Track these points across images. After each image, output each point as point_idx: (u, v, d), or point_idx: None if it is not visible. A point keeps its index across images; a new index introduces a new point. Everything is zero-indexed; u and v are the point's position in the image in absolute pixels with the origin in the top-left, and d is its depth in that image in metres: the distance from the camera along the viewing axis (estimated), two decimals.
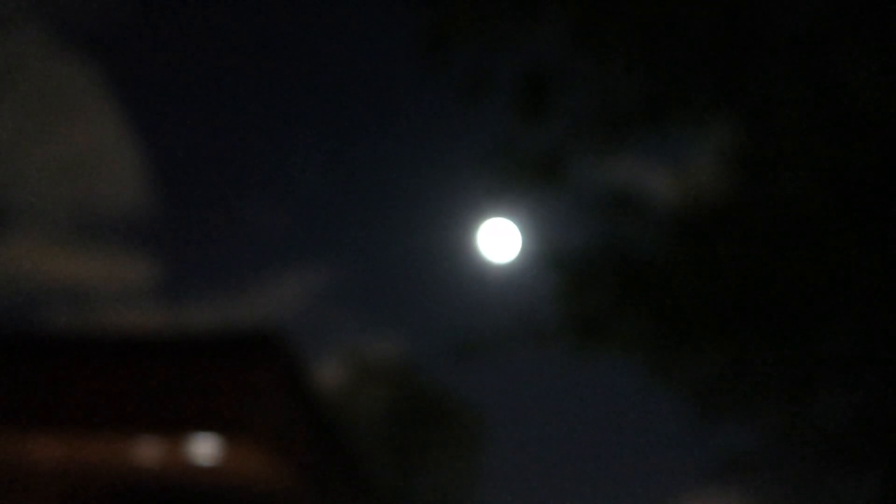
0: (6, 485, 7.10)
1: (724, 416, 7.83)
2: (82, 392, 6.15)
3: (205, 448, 6.03)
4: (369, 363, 22.33)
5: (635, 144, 6.42)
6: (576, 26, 5.86)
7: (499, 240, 9.54)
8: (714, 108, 6.06)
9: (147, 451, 6.30)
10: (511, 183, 6.66)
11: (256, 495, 7.27)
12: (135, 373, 6.13)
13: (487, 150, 6.59)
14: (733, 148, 6.41)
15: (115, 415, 6.06)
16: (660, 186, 7.19)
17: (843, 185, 6.11)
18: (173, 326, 6.13)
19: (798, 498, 7.88)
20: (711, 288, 6.94)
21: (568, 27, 5.90)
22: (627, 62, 5.91)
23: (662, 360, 7.59)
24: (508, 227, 9.52)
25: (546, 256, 7.54)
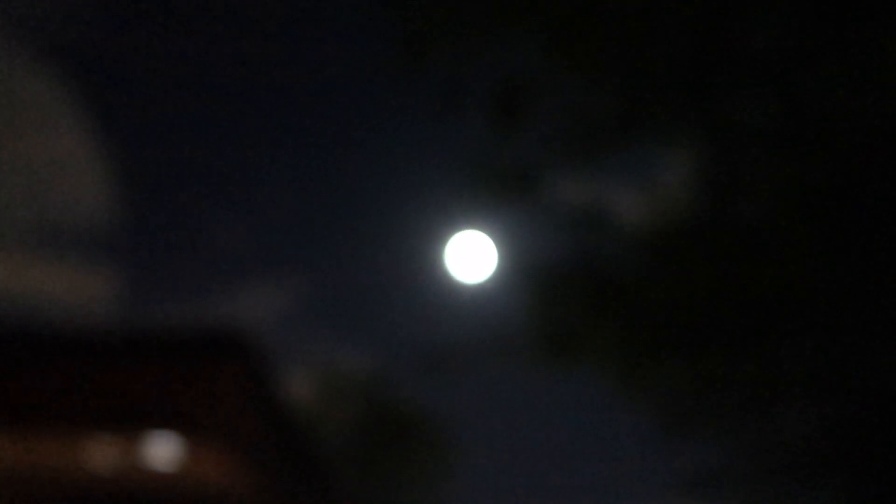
0: None
1: (690, 431, 7.89)
2: (38, 391, 6.00)
3: (164, 448, 5.92)
4: (338, 376, 22.19)
5: (607, 161, 6.49)
6: (550, 42, 5.92)
7: (470, 253, 9.55)
8: (683, 127, 6.15)
9: (105, 451, 6.17)
10: (484, 196, 6.69)
11: (217, 496, 7.16)
12: (92, 371, 5.99)
13: (460, 162, 6.62)
14: (701, 166, 6.50)
15: (72, 415, 5.92)
16: (630, 203, 7.26)
17: (807, 204, 6.23)
18: (134, 327, 6.02)
19: None
20: (679, 304, 7.02)
21: (542, 42, 5.96)
22: (600, 79, 5.98)
23: (631, 375, 7.64)
24: (481, 241, 9.54)
25: (517, 270, 7.57)
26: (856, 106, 5.60)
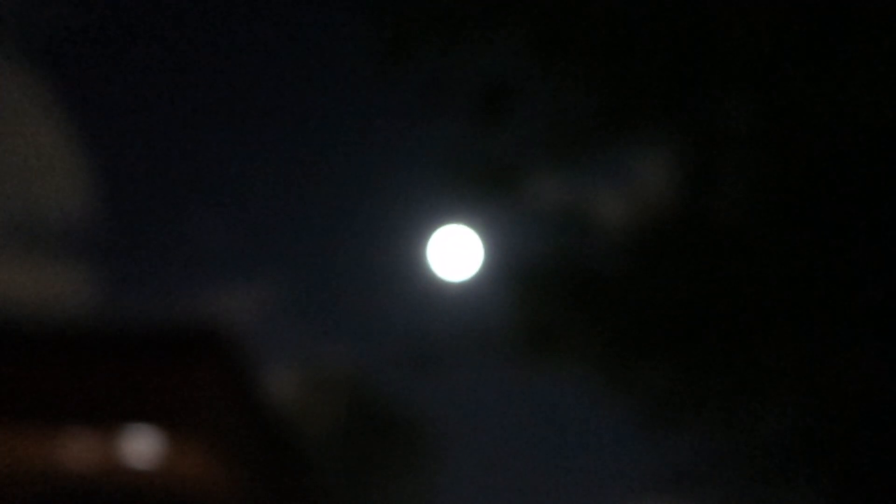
0: None
1: (673, 428, 7.95)
2: (17, 388, 5.95)
3: (144, 445, 5.89)
4: (321, 373, 22.15)
5: (590, 160, 6.52)
6: (533, 42, 5.94)
7: (454, 251, 9.58)
8: (665, 126, 6.19)
9: (85, 448, 6.13)
10: (467, 194, 6.70)
11: (196, 493, 7.12)
12: (72, 368, 5.95)
13: (444, 161, 6.63)
14: (683, 165, 6.55)
15: (51, 411, 5.87)
16: (613, 201, 7.30)
17: (787, 203, 6.29)
18: (115, 324, 5.98)
19: None
20: (661, 302, 7.07)
21: (526, 42, 5.98)
22: (582, 78, 6.01)
23: (614, 372, 7.69)
24: (464, 239, 9.57)
25: (501, 268, 7.60)
26: (836, 106, 5.66)
